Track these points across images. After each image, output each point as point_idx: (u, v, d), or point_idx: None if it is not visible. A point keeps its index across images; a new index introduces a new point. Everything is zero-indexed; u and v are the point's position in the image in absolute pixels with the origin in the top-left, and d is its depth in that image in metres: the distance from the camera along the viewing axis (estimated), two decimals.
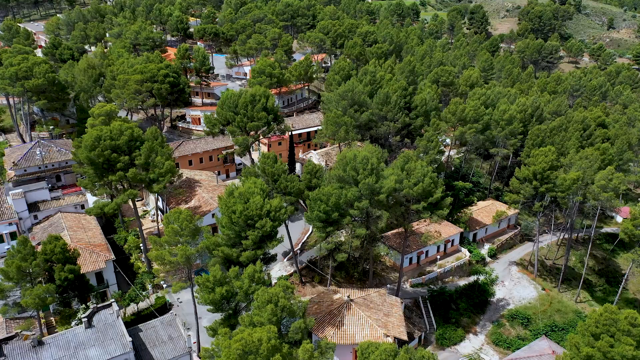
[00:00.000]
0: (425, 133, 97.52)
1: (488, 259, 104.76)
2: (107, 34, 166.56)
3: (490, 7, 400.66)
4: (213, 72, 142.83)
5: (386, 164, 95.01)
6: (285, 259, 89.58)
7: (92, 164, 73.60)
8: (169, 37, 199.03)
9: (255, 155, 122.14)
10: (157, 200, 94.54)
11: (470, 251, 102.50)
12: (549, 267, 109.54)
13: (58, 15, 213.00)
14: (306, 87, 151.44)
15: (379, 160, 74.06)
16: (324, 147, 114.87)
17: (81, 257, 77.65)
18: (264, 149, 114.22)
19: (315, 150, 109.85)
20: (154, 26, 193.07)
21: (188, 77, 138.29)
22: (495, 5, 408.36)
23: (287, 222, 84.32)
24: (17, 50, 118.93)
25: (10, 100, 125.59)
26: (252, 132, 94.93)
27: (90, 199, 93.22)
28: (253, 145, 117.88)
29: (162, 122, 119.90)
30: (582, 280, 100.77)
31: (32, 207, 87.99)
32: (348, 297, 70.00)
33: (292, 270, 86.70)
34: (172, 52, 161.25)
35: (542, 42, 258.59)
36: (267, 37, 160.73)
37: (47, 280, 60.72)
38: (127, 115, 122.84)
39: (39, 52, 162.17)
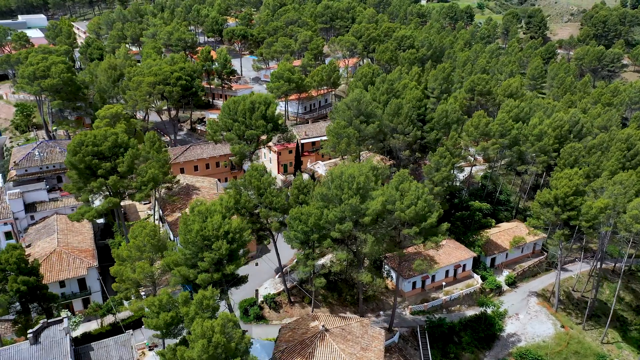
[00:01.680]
0: (438, 148, 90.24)
1: (505, 288, 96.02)
2: (143, 34, 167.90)
3: (553, 11, 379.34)
4: (235, 75, 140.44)
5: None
6: (277, 276, 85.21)
7: (75, 169, 72.16)
8: (206, 39, 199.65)
9: (264, 163, 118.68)
10: (155, 206, 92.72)
11: (484, 278, 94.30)
12: (576, 301, 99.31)
13: (104, 13, 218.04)
14: (332, 93, 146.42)
15: (369, 179, 68.18)
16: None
17: (64, 263, 76.89)
18: (274, 156, 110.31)
19: (323, 160, 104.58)
20: (192, 27, 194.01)
21: (210, 79, 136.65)
22: (559, 8, 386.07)
23: (277, 237, 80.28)
24: (42, 50, 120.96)
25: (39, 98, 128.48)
26: (259, 140, 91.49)
27: None
28: (261, 151, 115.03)
29: (175, 125, 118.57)
30: (610, 317, 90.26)
31: (30, 207, 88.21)
32: (323, 326, 64.66)
33: (282, 288, 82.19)
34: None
35: (602, 49, 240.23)
36: (298, 39, 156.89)
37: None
38: (144, 118, 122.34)
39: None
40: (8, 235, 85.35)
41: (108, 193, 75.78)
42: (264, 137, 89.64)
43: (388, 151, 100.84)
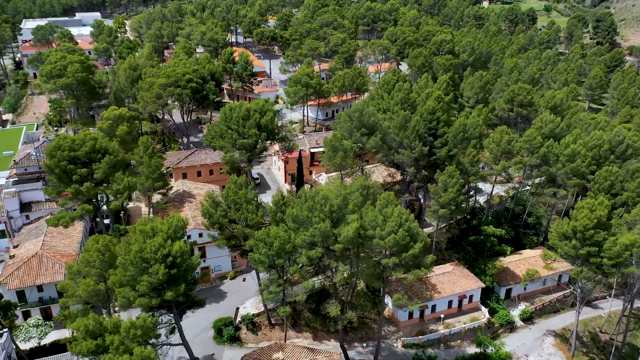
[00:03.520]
0: (447, 167, 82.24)
1: (519, 324, 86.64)
2: (179, 34, 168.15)
3: (629, 15, 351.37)
4: (256, 77, 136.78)
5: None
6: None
7: (52, 173, 70.76)
8: (244, 39, 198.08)
9: (274, 170, 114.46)
10: (149, 212, 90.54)
11: (494, 311, 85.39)
12: (603, 344, 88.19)
13: (145, 12, 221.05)
14: (360, 99, 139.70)
15: (347, 201, 62.05)
16: None
17: (42, 267, 75.77)
18: (282, 165, 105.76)
19: (326, 172, 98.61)
20: (232, 27, 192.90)
21: (231, 80, 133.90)
22: (636, 12, 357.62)
23: None
24: (66, 49, 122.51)
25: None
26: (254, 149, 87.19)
27: None
28: (272, 159, 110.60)
29: (187, 128, 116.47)
30: None
31: (26, 207, 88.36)
32: None
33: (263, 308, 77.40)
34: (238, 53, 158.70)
35: None
36: (330, 42, 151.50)
37: None
38: (161, 119, 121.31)
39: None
40: (2, 234, 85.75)
41: (89, 199, 74.00)
42: (259, 146, 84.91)
43: (397, 166, 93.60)
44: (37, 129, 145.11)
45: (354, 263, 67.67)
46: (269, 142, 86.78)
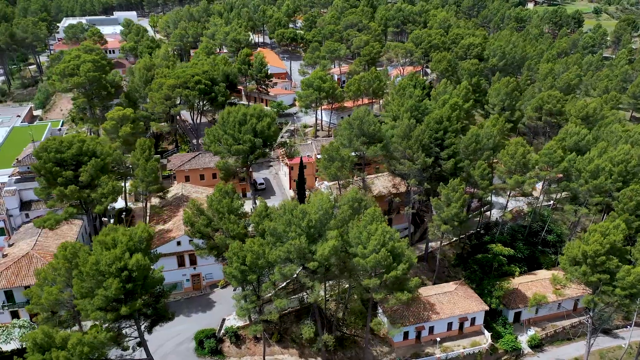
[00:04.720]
0: (451, 180, 77.18)
1: (526, 350, 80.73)
2: (203, 34, 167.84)
3: None
4: (271, 79, 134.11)
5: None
6: None
7: (39, 174, 70.19)
8: (269, 40, 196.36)
9: (281, 175, 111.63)
10: (145, 215, 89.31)
11: (499, 335, 79.72)
12: None
13: (173, 11, 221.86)
14: (379, 103, 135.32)
15: (329, 215, 58.44)
16: None
17: (31, 268, 75.14)
18: (287, 171, 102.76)
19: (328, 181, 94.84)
20: (258, 28, 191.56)
21: (246, 82, 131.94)
22: None
23: None
24: (84, 48, 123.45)
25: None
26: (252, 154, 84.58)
27: None
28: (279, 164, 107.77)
29: (197, 130, 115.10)
30: None
31: (26, 205, 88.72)
32: None
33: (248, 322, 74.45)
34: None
35: None
36: (353, 44, 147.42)
37: None
38: (175, 119, 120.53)
39: None
40: (1, 232, 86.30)
41: (78, 202, 73.16)
42: (257, 152, 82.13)
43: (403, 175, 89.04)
44: (62, 126, 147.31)
45: (338, 280, 64.20)
46: (268, 148, 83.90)
